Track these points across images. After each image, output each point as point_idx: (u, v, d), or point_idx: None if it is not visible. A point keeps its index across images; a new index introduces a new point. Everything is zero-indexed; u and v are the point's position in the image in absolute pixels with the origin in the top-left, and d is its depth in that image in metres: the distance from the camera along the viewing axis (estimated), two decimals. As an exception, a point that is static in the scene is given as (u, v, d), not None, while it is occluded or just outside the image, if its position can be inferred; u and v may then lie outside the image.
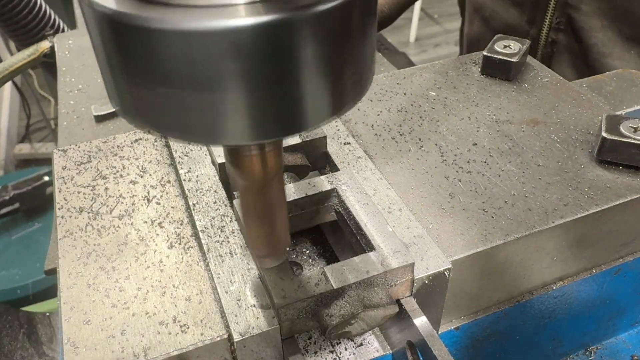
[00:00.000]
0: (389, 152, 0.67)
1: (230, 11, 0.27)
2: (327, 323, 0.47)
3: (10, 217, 2.02)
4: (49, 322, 1.49)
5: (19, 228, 2.03)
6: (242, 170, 0.37)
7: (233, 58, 0.27)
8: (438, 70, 0.82)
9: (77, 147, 0.69)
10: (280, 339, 0.49)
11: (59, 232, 0.58)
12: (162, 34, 0.27)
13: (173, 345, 0.47)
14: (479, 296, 0.60)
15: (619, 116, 0.65)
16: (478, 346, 0.63)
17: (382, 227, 0.54)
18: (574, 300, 0.66)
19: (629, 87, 0.93)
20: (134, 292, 0.52)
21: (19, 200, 1.98)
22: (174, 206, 0.60)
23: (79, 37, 1.14)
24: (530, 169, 0.64)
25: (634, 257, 0.67)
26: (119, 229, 0.58)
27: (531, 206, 0.59)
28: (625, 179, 0.62)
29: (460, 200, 0.60)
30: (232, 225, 0.56)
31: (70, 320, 0.49)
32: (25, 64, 1.27)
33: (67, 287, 0.52)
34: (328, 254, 0.63)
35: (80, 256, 0.55)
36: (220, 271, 0.52)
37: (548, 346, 0.70)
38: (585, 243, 0.62)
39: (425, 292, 0.53)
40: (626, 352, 0.74)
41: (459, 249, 0.55)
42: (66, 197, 0.62)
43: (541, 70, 0.82)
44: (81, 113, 0.91)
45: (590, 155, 0.66)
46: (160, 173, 0.65)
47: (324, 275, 0.49)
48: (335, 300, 0.49)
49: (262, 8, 0.27)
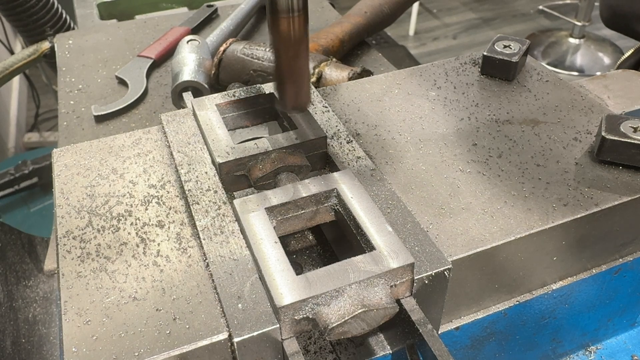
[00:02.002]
0: (388, 152, 0.67)
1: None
2: (327, 323, 0.47)
3: (29, 191, 2.12)
4: (47, 245, 1.56)
5: (37, 201, 2.12)
6: (279, 31, 0.51)
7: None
8: (438, 70, 0.83)
9: (77, 147, 0.69)
10: (281, 339, 0.49)
11: (58, 232, 0.58)
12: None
13: (173, 346, 0.47)
14: (479, 296, 0.60)
15: (619, 116, 0.65)
16: (478, 346, 0.63)
17: (382, 227, 0.54)
18: (574, 300, 0.66)
19: (629, 87, 0.93)
20: (133, 292, 0.52)
21: (37, 174, 2.08)
22: (174, 206, 0.60)
23: (79, 37, 1.14)
24: (530, 169, 0.64)
25: (633, 257, 0.67)
26: (119, 229, 0.58)
27: (531, 206, 0.59)
28: (625, 179, 0.62)
29: (460, 200, 0.60)
30: (232, 225, 0.56)
31: (70, 320, 0.49)
32: (25, 64, 1.28)
33: (67, 287, 0.52)
34: (328, 254, 0.63)
35: (80, 256, 0.55)
36: (220, 271, 0.52)
37: (548, 346, 0.70)
38: (585, 243, 0.62)
39: (425, 292, 0.53)
40: (626, 352, 0.74)
41: (459, 249, 0.55)
42: (66, 197, 0.62)
43: (541, 70, 0.82)
44: (81, 113, 0.91)
45: (590, 155, 0.66)
46: (160, 173, 0.65)
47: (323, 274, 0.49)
48: (336, 300, 0.49)
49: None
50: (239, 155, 0.62)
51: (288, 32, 0.51)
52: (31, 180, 2.09)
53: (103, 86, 0.98)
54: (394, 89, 0.79)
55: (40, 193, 2.13)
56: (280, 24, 0.51)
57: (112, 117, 0.90)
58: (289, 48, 0.53)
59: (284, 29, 0.51)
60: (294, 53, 0.53)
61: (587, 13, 3.34)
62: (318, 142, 0.65)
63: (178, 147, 0.66)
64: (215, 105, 0.70)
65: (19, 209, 2.10)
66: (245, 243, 0.54)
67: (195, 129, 0.69)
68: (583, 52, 3.47)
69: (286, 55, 0.53)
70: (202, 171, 0.63)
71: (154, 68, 1.04)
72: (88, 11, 1.45)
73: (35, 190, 2.13)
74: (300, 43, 0.53)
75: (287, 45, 0.53)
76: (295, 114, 0.66)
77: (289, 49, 0.53)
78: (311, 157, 0.65)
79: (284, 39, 0.52)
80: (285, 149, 0.63)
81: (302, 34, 0.52)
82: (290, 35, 0.52)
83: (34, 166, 2.08)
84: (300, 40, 0.53)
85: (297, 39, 0.52)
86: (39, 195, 2.13)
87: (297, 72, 0.55)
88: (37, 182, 2.10)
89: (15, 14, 1.45)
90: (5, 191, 2.07)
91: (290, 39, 0.52)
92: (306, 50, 0.54)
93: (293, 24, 0.51)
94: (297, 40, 0.52)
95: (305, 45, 0.54)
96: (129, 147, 0.69)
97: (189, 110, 0.72)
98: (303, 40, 0.53)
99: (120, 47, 1.10)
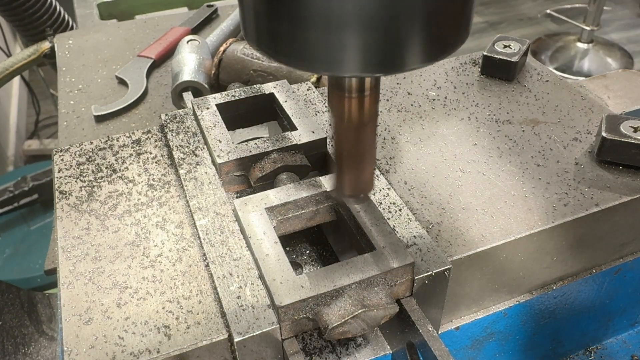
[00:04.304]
0: (389, 151, 0.67)
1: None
2: (327, 323, 0.47)
3: (29, 208, 2.06)
4: (49, 303, 1.51)
5: (37, 219, 2.06)
6: (344, 111, 0.41)
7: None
8: (438, 70, 0.82)
9: (77, 147, 0.69)
10: (281, 339, 0.49)
11: (58, 232, 0.58)
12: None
13: (173, 346, 0.47)
14: (479, 296, 0.60)
15: (619, 116, 0.65)
16: (478, 346, 0.63)
17: (382, 227, 0.54)
18: (574, 300, 0.66)
19: (629, 87, 0.93)
20: (133, 292, 0.52)
21: (37, 191, 2.02)
22: (174, 206, 0.60)
23: (79, 37, 1.14)
24: (530, 169, 0.64)
25: (634, 257, 0.67)
26: (119, 229, 0.58)
27: (531, 206, 0.59)
28: (625, 179, 0.62)
29: (460, 200, 0.60)
30: (232, 225, 0.56)
31: (70, 320, 0.49)
32: (25, 64, 1.27)
33: (67, 287, 0.52)
34: (328, 254, 0.63)
35: (80, 256, 0.55)
36: (220, 271, 0.52)
37: (548, 346, 0.70)
38: (585, 243, 0.62)
39: (425, 292, 0.53)
40: (626, 352, 0.74)
41: (459, 249, 0.55)
42: (66, 197, 0.62)
43: (541, 70, 0.82)
44: (81, 113, 0.91)
45: (591, 155, 0.66)
46: (160, 173, 0.65)
47: (323, 274, 0.49)
48: (336, 300, 0.49)
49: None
50: (239, 155, 0.62)
51: (355, 114, 0.41)
52: (31, 197, 2.02)
53: (103, 86, 0.98)
54: (394, 89, 0.79)
55: (41, 210, 2.06)
56: (346, 104, 0.41)
57: (112, 117, 0.90)
58: (353, 131, 0.42)
59: (350, 110, 0.41)
60: (360, 136, 0.43)
61: (596, 17, 3.29)
62: (318, 142, 0.65)
63: (178, 147, 0.66)
64: (215, 105, 0.70)
65: (18, 227, 2.03)
66: (245, 243, 0.54)
67: (195, 129, 0.69)
68: (591, 57, 3.42)
69: (349, 138, 0.43)
70: (202, 171, 0.63)
71: (154, 68, 1.04)
72: (88, 11, 1.45)
73: (36, 207, 2.05)
74: (368, 125, 0.42)
75: (352, 127, 0.42)
76: (354, 203, 0.56)
77: (353, 132, 0.43)
78: (311, 157, 0.65)
79: (349, 121, 0.42)
80: (285, 149, 0.63)
81: (371, 116, 0.42)
82: (358, 117, 0.41)
83: (34, 183, 2.00)
84: (369, 122, 0.42)
85: (365, 121, 0.42)
86: (39, 212, 2.06)
87: (361, 157, 0.44)
88: (37, 198, 2.02)
89: (15, 14, 1.45)
90: (4, 208, 1.99)
91: (357, 122, 0.42)
92: (374, 132, 0.44)
93: (362, 104, 0.41)
94: (365, 122, 0.42)
95: (373, 126, 0.43)
96: (129, 147, 0.69)
97: (189, 110, 0.72)
98: (372, 121, 0.43)
99: (120, 47, 1.10)
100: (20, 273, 1.89)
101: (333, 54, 0.33)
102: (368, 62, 0.33)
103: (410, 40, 0.33)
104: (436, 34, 0.34)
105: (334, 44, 0.32)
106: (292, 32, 0.33)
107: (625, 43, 3.52)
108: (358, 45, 0.32)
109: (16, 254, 1.96)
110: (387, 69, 0.34)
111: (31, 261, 1.91)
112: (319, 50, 0.33)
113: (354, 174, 0.45)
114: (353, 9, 0.31)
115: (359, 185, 0.46)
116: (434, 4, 0.32)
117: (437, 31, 0.34)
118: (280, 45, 0.34)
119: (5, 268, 1.91)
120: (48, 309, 1.49)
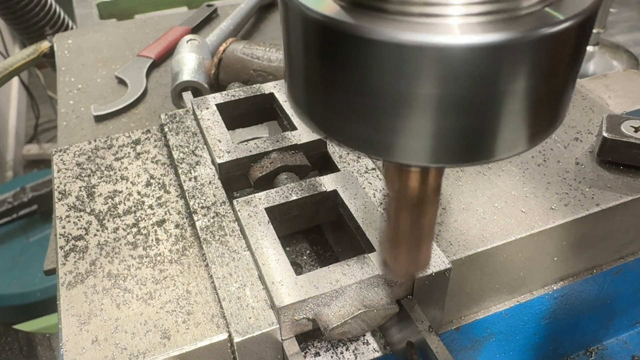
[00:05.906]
0: (389, 152, 0.67)
1: (442, 28, 0.24)
2: (327, 323, 0.47)
3: (28, 219, 2.02)
4: (49, 344, 1.46)
5: (36, 230, 2.02)
6: (403, 186, 0.35)
7: (437, 78, 0.25)
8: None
9: (77, 147, 0.69)
10: (280, 339, 0.49)
11: (58, 232, 0.58)
12: (372, 44, 0.25)
13: (173, 346, 0.47)
14: (479, 296, 0.60)
15: (620, 116, 0.65)
16: (478, 346, 0.63)
17: (382, 227, 0.53)
18: (575, 300, 0.66)
19: (630, 86, 0.93)
20: (133, 293, 0.51)
21: (37, 202, 1.98)
22: (174, 206, 0.60)
23: (78, 37, 1.13)
24: (531, 169, 0.64)
25: (634, 258, 0.67)
26: (119, 229, 0.58)
27: (531, 206, 0.59)
28: (625, 179, 0.62)
29: (460, 200, 0.60)
30: (232, 225, 0.56)
31: (70, 320, 0.49)
32: (24, 64, 1.27)
33: (66, 288, 0.52)
34: (328, 254, 0.63)
35: (79, 256, 0.55)
36: (220, 271, 0.51)
37: (548, 346, 0.70)
38: (585, 243, 0.62)
39: (425, 292, 0.53)
40: (626, 352, 0.74)
41: (459, 249, 0.55)
42: (65, 196, 0.62)
43: (541, 70, 0.82)
44: (81, 113, 0.91)
45: (591, 155, 0.66)
46: (160, 173, 0.65)
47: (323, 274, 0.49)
48: (335, 300, 0.48)
49: (478, 27, 0.24)
50: (239, 155, 0.62)
51: (419, 189, 0.35)
52: (30, 208, 1.98)
53: (103, 86, 0.98)
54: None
55: (40, 221, 2.02)
56: (410, 180, 0.35)
57: (112, 117, 0.90)
58: (415, 207, 0.37)
59: (414, 185, 0.35)
60: (421, 213, 0.37)
61: (601, 19, 3.27)
62: (318, 142, 0.65)
63: (178, 147, 0.66)
64: (215, 105, 0.70)
65: (17, 238, 1.99)
66: (245, 243, 0.54)
67: (195, 128, 0.69)
68: (597, 59, 3.40)
69: (408, 215, 0.37)
70: (202, 171, 0.62)
71: (153, 68, 1.04)
72: (87, 11, 1.45)
73: (35, 218, 2.01)
74: (432, 200, 0.37)
75: (414, 203, 0.36)
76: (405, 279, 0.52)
77: (415, 208, 0.37)
78: (311, 157, 0.64)
79: (412, 196, 0.36)
80: (285, 148, 0.63)
81: (435, 190, 0.36)
82: (422, 193, 0.36)
83: (34, 193, 1.96)
84: (433, 197, 0.37)
85: (428, 197, 0.36)
86: (39, 223, 2.01)
87: (420, 234, 0.39)
88: (36, 209, 1.99)
89: (12, 13, 1.45)
90: (3, 220, 1.95)
91: (420, 197, 0.36)
92: (436, 205, 0.38)
93: (426, 179, 0.35)
94: (429, 198, 0.36)
95: (436, 200, 0.37)
96: (129, 147, 0.68)
97: (188, 110, 0.72)
98: (435, 196, 0.37)
99: (120, 47, 1.10)
100: (19, 287, 1.84)
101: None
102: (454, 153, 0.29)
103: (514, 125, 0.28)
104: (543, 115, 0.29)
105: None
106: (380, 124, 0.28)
107: (630, 45, 3.51)
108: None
109: (15, 267, 1.91)
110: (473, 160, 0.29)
111: (30, 274, 1.87)
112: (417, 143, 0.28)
113: (411, 254, 0.40)
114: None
115: (416, 264, 0.41)
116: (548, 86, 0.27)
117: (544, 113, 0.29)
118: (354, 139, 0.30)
119: (3, 281, 1.86)
120: (49, 352, 1.42)
